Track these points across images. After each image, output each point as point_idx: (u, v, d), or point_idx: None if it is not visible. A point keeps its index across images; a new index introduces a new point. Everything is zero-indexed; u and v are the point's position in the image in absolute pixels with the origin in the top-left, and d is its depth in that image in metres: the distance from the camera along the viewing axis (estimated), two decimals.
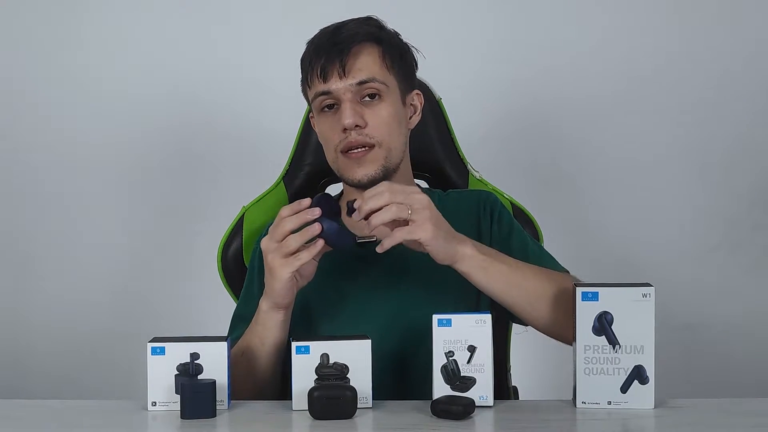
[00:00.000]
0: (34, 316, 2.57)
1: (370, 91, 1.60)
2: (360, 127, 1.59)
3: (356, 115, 1.59)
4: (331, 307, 1.63)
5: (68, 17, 2.53)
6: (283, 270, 1.45)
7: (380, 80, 1.61)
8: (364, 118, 1.60)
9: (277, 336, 1.53)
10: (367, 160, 1.61)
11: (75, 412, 1.47)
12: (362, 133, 1.60)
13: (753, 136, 2.50)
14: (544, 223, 1.89)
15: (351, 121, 1.58)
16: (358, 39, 1.60)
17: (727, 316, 2.51)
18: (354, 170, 1.62)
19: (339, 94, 1.60)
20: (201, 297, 2.38)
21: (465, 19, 2.46)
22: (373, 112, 1.61)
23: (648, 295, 1.37)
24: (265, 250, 1.46)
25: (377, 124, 1.61)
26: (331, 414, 1.34)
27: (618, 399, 1.39)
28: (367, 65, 1.60)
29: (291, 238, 1.43)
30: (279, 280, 1.46)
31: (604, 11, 2.50)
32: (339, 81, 1.59)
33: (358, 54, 1.60)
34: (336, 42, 1.60)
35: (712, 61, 2.49)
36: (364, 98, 1.61)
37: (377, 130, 1.61)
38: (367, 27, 1.63)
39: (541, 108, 2.51)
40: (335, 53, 1.59)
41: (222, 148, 2.54)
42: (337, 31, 1.62)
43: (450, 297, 1.59)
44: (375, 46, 1.62)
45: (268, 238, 1.46)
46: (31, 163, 2.56)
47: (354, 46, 1.60)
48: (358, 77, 1.59)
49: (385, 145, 1.62)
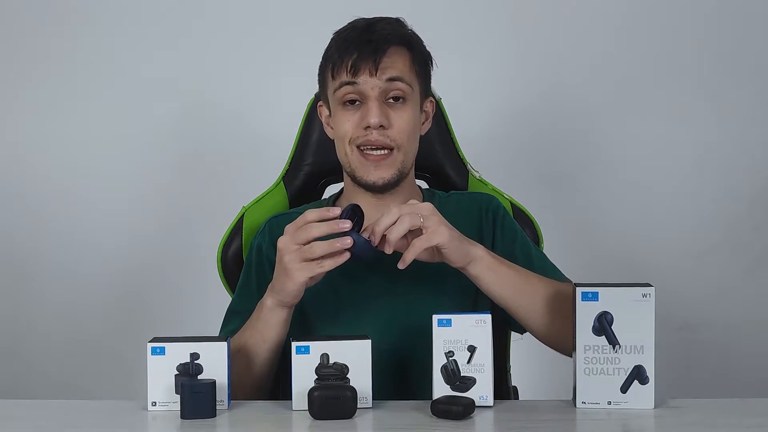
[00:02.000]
0: (34, 316, 2.57)
1: (396, 93, 1.61)
2: (384, 127, 1.60)
3: (382, 115, 1.59)
4: (329, 309, 1.63)
5: (74, 20, 2.53)
6: (301, 273, 1.43)
7: (407, 81, 1.62)
8: (389, 119, 1.60)
9: (279, 334, 1.52)
10: (386, 164, 1.62)
11: (75, 412, 1.47)
12: (384, 134, 1.60)
13: (753, 136, 2.50)
14: (544, 223, 1.89)
15: (377, 120, 1.58)
16: (393, 40, 1.61)
17: (727, 316, 2.51)
18: (370, 172, 1.62)
19: (366, 90, 1.60)
20: (201, 297, 2.38)
21: (465, 19, 2.46)
22: (396, 114, 1.61)
23: (648, 295, 1.37)
24: (283, 250, 1.44)
25: (400, 127, 1.61)
26: (331, 414, 1.34)
27: (618, 399, 1.39)
28: (397, 66, 1.61)
29: (317, 245, 1.42)
30: (295, 282, 1.44)
31: (604, 12, 2.50)
32: (369, 77, 1.59)
33: (390, 54, 1.60)
34: (370, 39, 1.60)
35: (712, 60, 2.49)
36: (388, 99, 1.61)
37: (399, 133, 1.61)
38: (400, 29, 1.64)
39: (541, 108, 2.51)
40: (369, 50, 1.59)
41: (222, 149, 2.54)
42: (370, 27, 1.62)
43: (448, 298, 1.60)
44: (405, 50, 1.63)
45: (288, 238, 1.44)
46: (31, 164, 2.55)
47: (389, 46, 1.60)
48: (388, 74, 1.59)
49: (403, 149, 1.63)
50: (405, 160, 1.64)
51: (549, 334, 1.56)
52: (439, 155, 1.88)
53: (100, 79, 2.53)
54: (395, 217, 1.43)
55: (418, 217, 1.43)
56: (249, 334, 1.54)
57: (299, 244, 1.43)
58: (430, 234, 1.43)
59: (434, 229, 1.43)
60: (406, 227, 1.42)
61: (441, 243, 1.44)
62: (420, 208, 1.45)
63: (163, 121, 2.53)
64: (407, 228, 1.42)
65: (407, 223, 1.42)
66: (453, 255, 1.46)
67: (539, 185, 2.48)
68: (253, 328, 1.54)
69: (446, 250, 1.45)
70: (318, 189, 1.91)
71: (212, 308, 1.77)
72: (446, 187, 1.87)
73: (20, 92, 2.55)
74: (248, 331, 1.55)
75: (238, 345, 1.55)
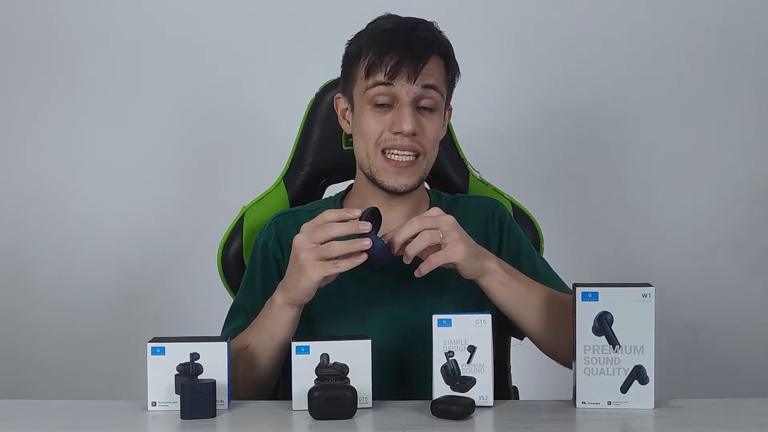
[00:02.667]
0: (34, 316, 2.57)
1: (428, 102, 1.61)
2: (415, 134, 1.60)
3: (415, 122, 1.59)
4: (334, 307, 1.62)
5: (74, 19, 2.53)
6: (316, 272, 1.43)
7: (440, 91, 1.62)
8: (421, 126, 1.61)
9: (287, 332, 1.51)
10: (410, 171, 1.62)
11: (75, 412, 1.47)
12: (415, 140, 1.60)
13: (753, 137, 2.50)
14: (544, 223, 1.89)
15: (410, 128, 1.58)
16: (435, 49, 1.61)
17: (727, 316, 2.51)
18: (392, 177, 1.62)
19: (401, 94, 1.59)
20: (201, 297, 2.38)
21: (465, 19, 2.46)
22: (427, 121, 1.62)
23: (648, 295, 1.37)
24: (299, 248, 1.44)
25: (428, 135, 1.62)
26: (331, 414, 1.34)
27: (618, 399, 1.39)
28: (435, 74, 1.61)
29: (335, 245, 1.42)
30: (310, 280, 1.43)
31: (605, 13, 2.50)
32: (406, 83, 1.58)
33: (431, 61, 1.60)
34: (412, 45, 1.58)
35: (713, 60, 2.49)
36: (421, 107, 1.61)
37: (426, 141, 1.62)
38: (440, 37, 1.64)
39: (542, 108, 2.51)
40: (411, 56, 1.58)
41: (222, 149, 2.54)
42: (411, 32, 1.60)
43: (452, 300, 1.60)
44: (442, 60, 1.63)
45: (306, 236, 1.44)
46: (31, 164, 2.55)
47: (430, 55, 1.60)
48: (426, 81, 1.59)
49: (428, 156, 1.64)
50: (427, 168, 1.65)
51: (551, 346, 1.58)
52: (439, 155, 1.87)
53: (101, 79, 2.53)
54: (416, 230, 1.44)
55: (438, 233, 1.44)
56: (256, 332, 1.54)
57: (316, 242, 1.43)
58: (447, 251, 1.44)
59: (452, 247, 1.44)
60: (424, 245, 1.43)
61: (457, 261, 1.45)
62: (442, 222, 1.46)
63: (163, 121, 2.53)
64: (426, 245, 1.44)
65: (427, 241, 1.43)
66: (466, 270, 1.48)
67: (539, 185, 2.48)
68: (261, 326, 1.53)
69: (460, 266, 1.47)
70: (318, 189, 1.91)
71: (212, 308, 1.77)
72: (447, 187, 1.87)
73: (19, 91, 2.55)
74: (255, 329, 1.54)
75: (243, 343, 1.54)
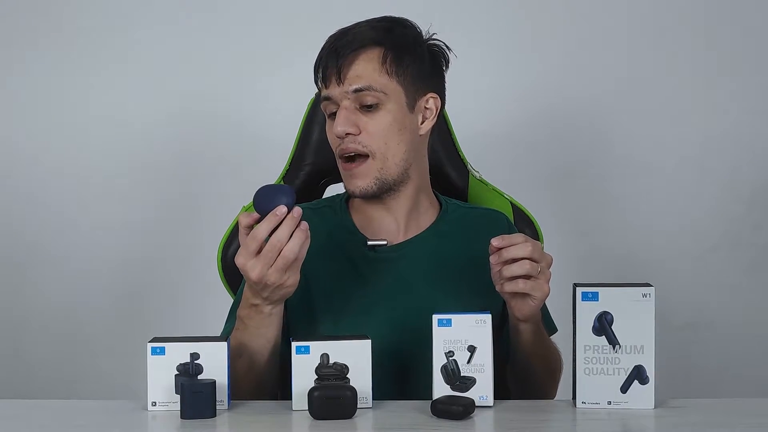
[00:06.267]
0: (34, 316, 2.57)
1: (368, 100, 1.57)
2: (353, 134, 1.57)
3: (347, 123, 1.56)
4: (335, 307, 1.62)
5: (74, 20, 2.53)
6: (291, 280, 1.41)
7: (378, 88, 1.57)
8: (359, 126, 1.57)
9: (279, 330, 1.51)
10: (360, 172, 1.59)
11: (75, 412, 1.47)
12: (355, 140, 1.57)
13: (753, 136, 2.50)
14: (544, 223, 1.89)
15: (341, 129, 1.56)
16: (358, 44, 1.57)
17: (727, 315, 2.51)
18: (348, 181, 1.61)
19: (337, 100, 1.58)
20: (201, 297, 2.38)
21: (465, 19, 2.46)
22: (369, 120, 1.57)
23: (648, 295, 1.37)
24: (249, 269, 1.39)
25: (371, 133, 1.57)
26: (331, 414, 1.34)
27: (618, 399, 1.39)
28: (366, 71, 1.57)
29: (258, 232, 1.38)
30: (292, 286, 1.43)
31: (604, 13, 2.49)
32: (336, 87, 1.57)
33: (355, 60, 1.57)
34: (336, 47, 1.57)
35: (712, 60, 2.49)
36: (363, 106, 1.58)
37: (371, 140, 1.57)
38: (371, 31, 1.59)
39: (542, 108, 2.51)
40: (333, 59, 1.57)
41: (222, 149, 2.54)
42: (341, 35, 1.59)
43: (453, 300, 1.59)
44: (376, 50, 1.58)
45: (243, 259, 1.40)
46: (32, 164, 2.55)
47: (352, 52, 1.57)
48: (355, 84, 1.56)
49: (379, 155, 1.58)
50: (384, 167, 1.59)
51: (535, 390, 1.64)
52: (439, 155, 1.88)
53: (101, 79, 2.53)
54: (524, 254, 1.42)
55: (537, 268, 1.43)
56: (248, 339, 1.50)
57: (256, 252, 1.39)
58: (535, 284, 1.44)
59: (541, 285, 1.44)
60: (522, 273, 1.42)
61: (538, 298, 1.46)
62: (546, 260, 1.45)
63: (163, 121, 2.53)
64: (524, 273, 1.43)
65: (525, 272, 1.42)
66: (529, 309, 1.48)
67: (539, 185, 2.48)
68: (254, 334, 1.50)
69: (532, 304, 1.47)
70: (318, 189, 1.91)
71: (212, 308, 1.77)
72: (447, 187, 1.87)
73: (20, 89, 2.55)
74: (247, 337, 1.51)
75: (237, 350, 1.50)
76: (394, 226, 1.67)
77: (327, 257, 1.62)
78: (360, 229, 1.67)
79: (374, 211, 1.67)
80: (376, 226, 1.67)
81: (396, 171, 1.61)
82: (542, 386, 1.64)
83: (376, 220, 1.67)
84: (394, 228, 1.67)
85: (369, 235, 1.66)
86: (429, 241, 1.67)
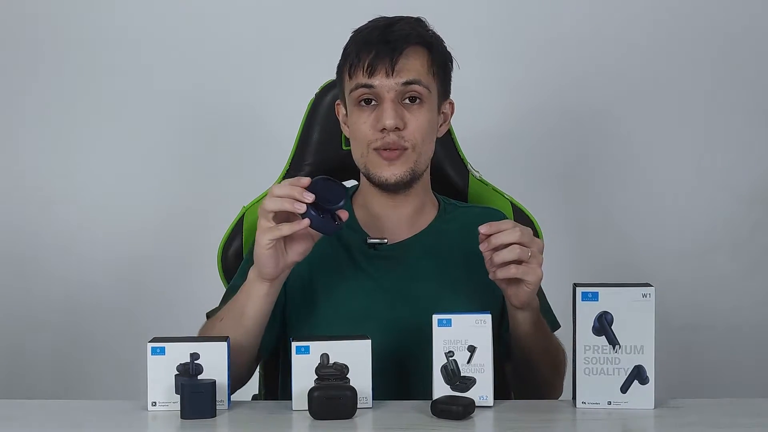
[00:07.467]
0: (34, 315, 2.57)
1: (413, 94, 1.60)
2: (399, 129, 1.59)
3: (397, 117, 1.58)
4: (336, 304, 1.62)
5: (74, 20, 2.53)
6: (263, 236, 1.44)
7: (425, 84, 1.61)
8: (404, 120, 1.60)
9: (258, 308, 1.51)
10: (399, 161, 1.61)
11: (75, 412, 1.47)
12: (400, 135, 1.60)
13: (753, 136, 2.50)
14: (544, 223, 1.89)
15: (392, 123, 1.58)
16: (411, 40, 1.60)
17: (727, 316, 2.51)
18: (383, 169, 1.62)
19: (382, 91, 1.59)
20: (201, 297, 2.37)
21: (465, 19, 2.46)
22: (412, 115, 1.60)
23: (648, 295, 1.38)
24: (258, 214, 1.47)
25: (415, 129, 1.60)
26: (331, 414, 1.34)
27: (618, 399, 1.39)
28: (415, 67, 1.60)
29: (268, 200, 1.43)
30: (259, 245, 1.45)
31: (606, 13, 2.49)
32: (385, 78, 1.58)
33: (408, 55, 1.60)
34: (388, 39, 1.59)
35: (712, 60, 2.49)
36: (404, 100, 1.60)
37: (414, 135, 1.60)
38: (419, 29, 1.63)
39: (542, 108, 2.50)
40: (386, 50, 1.58)
41: (222, 149, 2.54)
42: (389, 27, 1.61)
43: (454, 300, 1.60)
44: (424, 50, 1.62)
45: (260, 207, 1.47)
46: (31, 165, 2.55)
47: (406, 47, 1.59)
48: (405, 77, 1.59)
49: (417, 149, 1.61)
50: (418, 160, 1.63)
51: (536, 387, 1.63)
52: (439, 155, 1.88)
53: (101, 79, 2.53)
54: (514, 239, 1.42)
55: (528, 252, 1.43)
56: (230, 305, 1.56)
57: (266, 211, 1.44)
58: (527, 269, 1.43)
59: (534, 268, 1.44)
60: (513, 258, 1.42)
61: (531, 282, 1.44)
62: (536, 244, 1.45)
63: (163, 120, 2.53)
64: (515, 258, 1.42)
65: (516, 256, 1.42)
66: (524, 295, 1.47)
67: (539, 185, 2.48)
68: (235, 300, 1.55)
69: (526, 289, 1.46)
70: None
71: (212, 308, 1.77)
72: (447, 187, 1.87)
73: (20, 89, 2.55)
74: (230, 304, 1.56)
75: (219, 315, 1.57)
76: (398, 224, 1.68)
77: (328, 252, 1.64)
78: (363, 226, 1.68)
79: (381, 208, 1.68)
80: (379, 224, 1.68)
81: (423, 167, 1.65)
82: (546, 380, 1.62)
83: (380, 217, 1.68)
84: (398, 226, 1.68)
85: (371, 232, 1.67)
86: (429, 239, 1.68)
